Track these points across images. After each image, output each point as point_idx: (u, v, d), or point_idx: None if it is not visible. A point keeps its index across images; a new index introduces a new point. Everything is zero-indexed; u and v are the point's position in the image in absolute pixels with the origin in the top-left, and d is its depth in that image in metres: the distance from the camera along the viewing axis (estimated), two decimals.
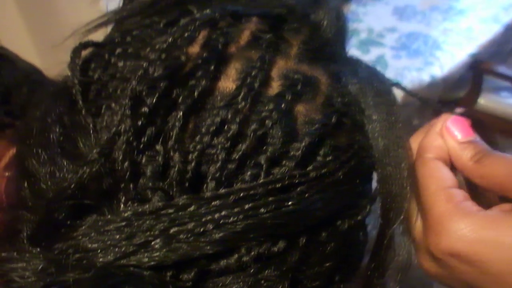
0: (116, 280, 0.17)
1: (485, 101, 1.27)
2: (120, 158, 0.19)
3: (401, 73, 1.13)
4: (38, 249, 0.19)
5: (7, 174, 0.68)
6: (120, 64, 0.22)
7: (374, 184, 0.24)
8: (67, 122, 0.22)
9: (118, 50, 0.23)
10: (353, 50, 0.28)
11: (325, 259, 0.22)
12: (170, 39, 0.21)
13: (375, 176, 0.24)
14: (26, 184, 0.22)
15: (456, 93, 1.26)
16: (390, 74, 1.12)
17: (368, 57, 1.17)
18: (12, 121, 0.66)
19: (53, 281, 0.17)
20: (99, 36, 0.26)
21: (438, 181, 0.23)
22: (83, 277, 0.17)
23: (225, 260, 0.19)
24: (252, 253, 0.20)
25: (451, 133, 0.24)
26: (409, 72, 1.14)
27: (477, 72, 1.24)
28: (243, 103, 0.20)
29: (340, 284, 0.23)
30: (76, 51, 0.24)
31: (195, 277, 0.19)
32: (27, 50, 0.71)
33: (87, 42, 0.24)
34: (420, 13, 1.34)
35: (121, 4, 0.26)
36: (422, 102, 0.30)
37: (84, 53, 0.24)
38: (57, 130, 0.21)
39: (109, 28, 0.26)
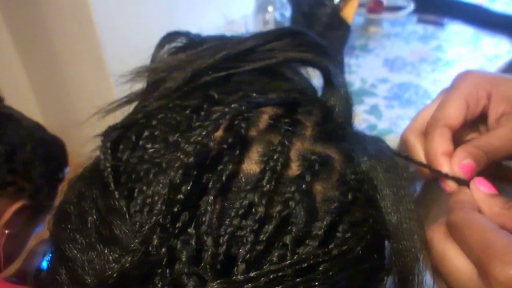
0: None
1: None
2: (158, 244, 0.20)
3: (395, 122, 1.16)
4: None
5: (6, 231, 0.68)
6: (148, 146, 0.24)
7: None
8: (102, 206, 0.22)
9: (146, 133, 0.24)
10: None
11: None
12: (204, 132, 0.22)
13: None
14: (64, 270, 0.22)
15: None
16: (384, 123, 1.15)
17: (362, 107, 1.20)
18: (15, 179, 0.67)
19: None
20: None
21: (486, 222, 0.24)
22: None
23: None
24: None
25: (478, 188, 0.26)
26: (403, 121, 1.16)
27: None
28: (267, 186, 0.21)
29: None
30: (107, 134, 0.25)
31: None
32: (30, 105, 0.73)
33: (116, 125, 0.26)
34: (409, 64, 1.39)
35: (144, 86, 0.27)
36: (420, 165, 0.31)
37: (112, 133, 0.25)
38: (94, 214, 0.22)
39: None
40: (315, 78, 0.30)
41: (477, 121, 0.35)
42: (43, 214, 0.75)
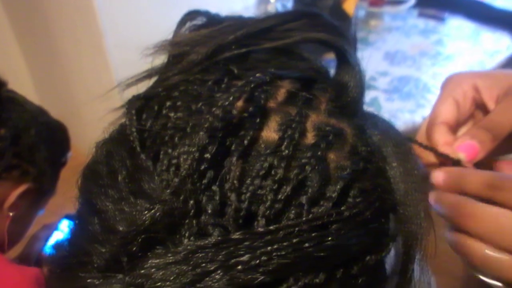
0: None
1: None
2: (187, 196, 0.22)
3: (395, 115, 1.17)
4: (120, 275, 0.20)
5: (11, 214, 0.69)
6: (171, 115, 0.25)
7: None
8: (130, 165, 0.24)
9: (168, 103, 0.26)
10: None
11: None
12: (229, 98, 0.24)
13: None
14: (96, 219, 0.23)
15: None
16: (384, 115, 1.15)
17: None
18: (19, 162, 0.67)
19: None
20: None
21: None
22: None
23: None
24: (299, 283, 0.21)
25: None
26: (402, 114, 1.17)
27: None
28: (286, 151, 0.23)
29: None
30: (131, 102, 0.26)
31: None
32: (29, 94, 0.73)
33: (139, 95, 0.27)
34: (410, 58, 1.40)
35: (165, 62, 0.28)
36: (426, 149, 0.33)
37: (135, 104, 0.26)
38: (123, 172, 0.24)
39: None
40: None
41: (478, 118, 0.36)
42: (46, 197, 0.76)
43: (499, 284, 0.27)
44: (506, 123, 0.32)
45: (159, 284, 0.20)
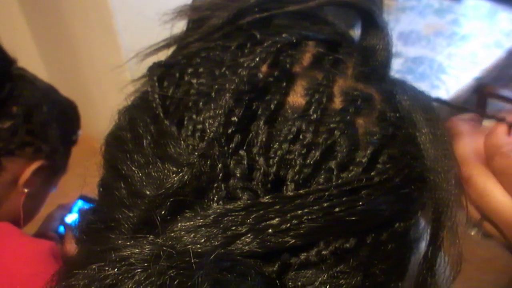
0: (225, 266, 0.19)
1: (489, 123, 1.29)
2: (215, 161, 0.21)
3: None
4: (152, 237, 0.20)
5: (26, 190, 0.70)
6: (194, 81, 0.24)
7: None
8: (154, 131, 0.23)
9: (190, 70, 0.25)
10: None
11: (387, 257, 0.23)
12: (257, 58, 0.23)
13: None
14: (122, 184, 0.23)
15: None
16: None
17: None
18: (32, 139, 0.68)
19: (174, 264, 0.18)
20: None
21: None
22: (197, 261, 0.18)
23: (305, 254, 0.21)
24: (330, 247, 0.21)
25: None
26: None
27: (481, 95, 1.27)
28: (314, 115, 0.23)
29: (398, 282, 0.24)
30: (153, 69, 0.26)
31: (278, 269, 0.21)
32: (35, 64, 0.73)
33: (160, 62, 0.26)
34: (424, 38, 1.37)
35: (184, 28, 0.28)
36: (459, 110, 0.32)
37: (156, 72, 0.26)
38: (148, 137, 0.23)
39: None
40: None
41: None
42: (58, 174, 0.76)
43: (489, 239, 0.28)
44: None
45: (189, 246, 0.20)
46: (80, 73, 1.79)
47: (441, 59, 1.28)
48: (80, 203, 0.81)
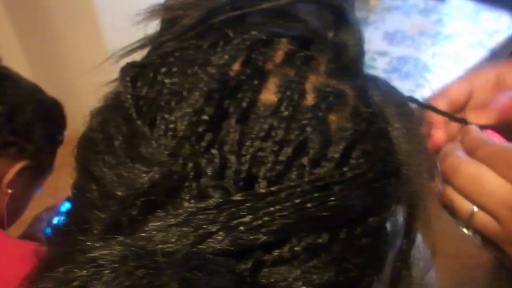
0: (195, 264, 0.19)
1: None
2: (185, 160, 0.21)
3: None
4: (121, 238, 0.20)
5: (9, 191, 0.69)
6: (167, 81, 0.24)
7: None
8: (126, 131, 0.23)
9: (163, 69, 0.25)
10: None
11: (361, 252, 0.24)
12: (226, 56, 0.23)
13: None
14: (94, 186, 0.23)
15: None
16: None
17: None
18: (16, 139, 0.67)
19: (142, 264, 0.18)
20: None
21: None
22: (166, 261, 0.18)
23: (278, 250, 0.21)
24: (302, 243, 0.21)
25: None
26: None
27: None
28: (286, 112, 0.23)
29: (373, 276, 0.25)
30: (125, 70, 0.26)
31: (251, 267, 0.21)
32: (19, 63, 0.72)
33: (133, 63, 0.26)
34: (409, 38, 1.39)
35: (158, 29, 0.28)
36: (434, 111, 0.33)
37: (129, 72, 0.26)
38: (120, 138, 0.23)
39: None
40: None
41: None
42: (44, 175, 0.76)
43: (478, 238, 0.28)
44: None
45: (160, 246, 0.20)
46: (65, 72, 1.77)
47: (425, 58, 1.30)
48: (67, 205, 0.80)
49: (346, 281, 0.23)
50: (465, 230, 0.28)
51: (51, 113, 0.73)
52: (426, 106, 0.32)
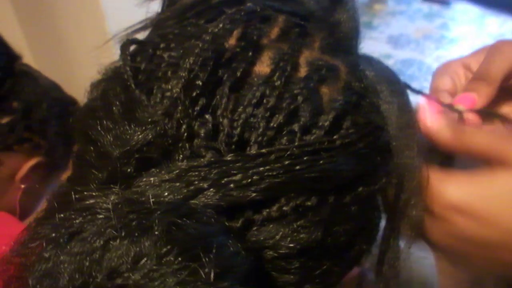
0: (184, 212, 0.20)
1: None
2: (179, 120, 0.22)
3: None
4: (116, 188, 0.21)
5: (22, 186, 0.70)
6: (165, 55, 0.25)
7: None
8: (124, 99, 0.24)
9: (162, 45, 0.26)
10: None
11: (349, 219, 0.24)
12: (220, 25, 0.24)
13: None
14: (92, 148, 0.24)
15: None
16: None
17: None
18: (31, 136, 0.68)
19: (134, 210, 0.19)
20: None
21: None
22: (157, 207, 0.19)
23: (267, 210, 0.22)
24: (291, 203, 0.22)
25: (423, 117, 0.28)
26: None
27: None
28: (278, 82, 0.23)
29: (363, 245, 0.26)
30: (125, 46, 0.27)
31: (241, 225, 0.22)
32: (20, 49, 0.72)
33: (134, 39, 0.27)
34: (413, 42, 1.40)
35: (159, 9, 0.29)
36: (427, 98, 0.33)
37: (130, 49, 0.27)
38: (118, 105, 0.24)
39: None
40: None
41: None
42: (58, 172, 0.77)
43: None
44: (493, 68, 0.33)
45: (153, 200, 0.20)
46: (66, 58, 1.76)
47: (429, 61, 1.31)
48: None
49: (335, 245, 0.24)
50: None
51: (67, 111, 0.74)
52: (419, 92, 0.32)
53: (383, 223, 0.27)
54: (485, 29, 1.44)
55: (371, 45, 1.38)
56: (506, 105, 0.36)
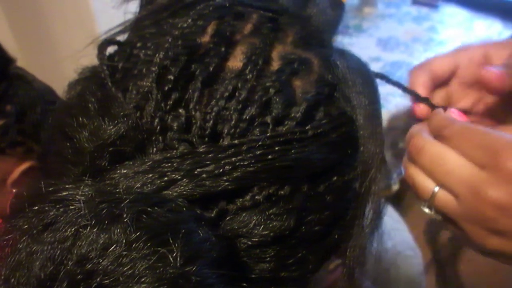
0: (155, 201, 0.20)
1: None
2: (151, 114, 0.23)
3: (386, 98, 1.20)
4: (90, 181, 0.21)
5: (14, 190, 0.70)
6: (141, 53, 0.25)
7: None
8: (100, 96, 0.24)
9: (139, 44, 0.26)
10: None
11: (324, 208, 0.25)
12: (189, 20, 0.25)
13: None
14: (67, 144, 0.24)
15: None
16: None
17: None
18: (24, 139, 0.68)
19: (105, 200, 0.19)
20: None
21: (482, 127, 0.26)
22: (127, 197, 0.20)
23: (240, 199, 0.23)
24: (264, 192, 0.23)
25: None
26: (394, 98, 1.20)
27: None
28: (250, 75, 0.24)
29: (338, 236, 0.26)
30: (102, 45, 0.27)
31: (216, 215, 0.22)
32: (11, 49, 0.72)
33: (111, 39, 0.28)
34: (402, 44, 1.42)
35: (137, 10, 0.29)
36: (410, 94, 0.34)
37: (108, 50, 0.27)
38: (94, 102, 0.24)
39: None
40: None
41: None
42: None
43: (439, 217, 0.29)
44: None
45: (124, 190, 0.21)
46: (56, 59, 1.74)
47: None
48: None
49: (310, 233, 0.24)
50: (426, 210, 0.29)
51: None
52: (395, 83, 0.32)
53: (385, 219, 0.28)
54: (473, 31, 1.47)
55: (361, 47, 1.39)
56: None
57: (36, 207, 0.20)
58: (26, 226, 0.20)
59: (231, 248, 0.22)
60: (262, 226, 0.23)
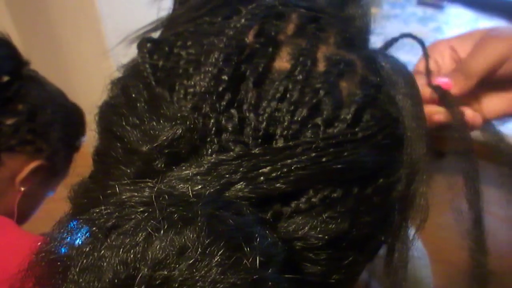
0: (221, 204, 0.20)
1: None
2: (207, 115, 0.23)
3: None
4: (150, 182, 0.21)
5: (22, 188, 0.70)
6: (183, 52, 0.25)
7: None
8: (146, 96, 0.25)
9: (179, 43, 0.26)
10: None
11: (372, 211, 0.25)
12: (242, 20, 0.24)
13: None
14: (118, 143, 0.24)
15: None
16: None
17: None
18: (34, 138, 0.69)
19: (173, 202, 0.19)
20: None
21: None
22: (195, 200, 0.20)
23: (295, 202, 0.23)
24: (319, 195, 0.23)
25: None
26: None
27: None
28: (300, 76, 0.24)
29: (381, 237, 0.27)
30: (142, 43, 0.27)
31: (271, 218, 0.22)
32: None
33: (149, 38, 0.27)
34: (408, 45, 1.42)
35: (171, 9, 0.29)
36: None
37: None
38: (141, 99, 0.24)
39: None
40: None
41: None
42: (58, 178, 0.77)
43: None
44: (474, 65, 0.35)
45: (186, 193, 0.21)
46: (62, 60, 1.75)
47: None
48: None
49: (358, 236, 0.24)
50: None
51: (71, 118, 0.75)
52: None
53: None
54: None
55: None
56: (487, 97, 0.37)
57: (97, 210, 0.20)
58: (91, 229, 0.19)
59: (289, 251, 0.22)
60: (318, 229, 0.23)
